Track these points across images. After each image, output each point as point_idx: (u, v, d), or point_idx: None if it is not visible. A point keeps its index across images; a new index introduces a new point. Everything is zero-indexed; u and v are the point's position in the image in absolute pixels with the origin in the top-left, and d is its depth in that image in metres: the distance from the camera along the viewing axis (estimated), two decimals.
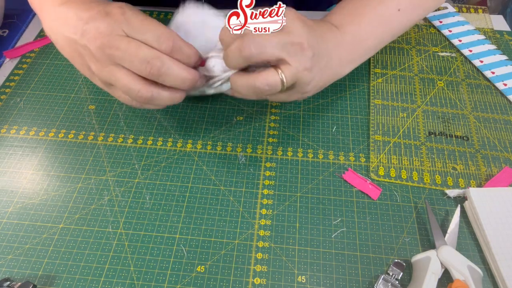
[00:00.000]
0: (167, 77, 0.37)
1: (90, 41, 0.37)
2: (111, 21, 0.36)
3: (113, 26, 0.36)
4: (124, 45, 0.36)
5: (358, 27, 0.45)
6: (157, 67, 0.36)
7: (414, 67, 0.55)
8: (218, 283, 0.37)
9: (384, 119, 0.49)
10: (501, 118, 0.49)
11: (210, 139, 0.47)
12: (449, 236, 0.39)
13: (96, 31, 0.36)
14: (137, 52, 0.36)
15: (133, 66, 0.36)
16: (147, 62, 0.36)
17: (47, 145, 0.47)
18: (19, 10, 0.63)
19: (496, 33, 0.59)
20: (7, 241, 0.40)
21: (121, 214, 0.41)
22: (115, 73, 0.37)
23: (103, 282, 0.37)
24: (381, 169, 0.44)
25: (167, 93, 0.38)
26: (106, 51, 0.36)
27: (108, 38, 0.36)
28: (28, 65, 0.55)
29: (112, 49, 0.36)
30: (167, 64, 0.36)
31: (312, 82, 0.39)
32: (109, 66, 0.37)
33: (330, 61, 0.42)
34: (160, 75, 0.36)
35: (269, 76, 0.36)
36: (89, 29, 0.37)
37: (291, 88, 0.39)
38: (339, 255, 0.39)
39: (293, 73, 0.36)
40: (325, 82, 0.43)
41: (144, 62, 0.36)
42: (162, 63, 0.36)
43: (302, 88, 0.39)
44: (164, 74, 0.36)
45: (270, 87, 0.36)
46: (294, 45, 0.36)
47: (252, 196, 0.43)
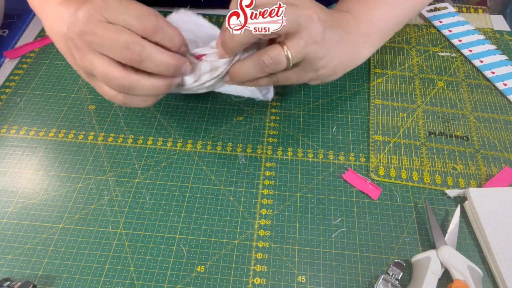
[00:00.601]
0: (149, 62, 0.35)
1: (70, 29, 0.36)
2: (90, 7, 0.35)
3: (91, 11, 0.35)
4: (102, 31, 0.34)
5: (368, 9, 0.45)
6: (137, 52, 0.34)
7: (414, 67, 0.55)
8: (218, 283, 0.37)
9: (384, 119, 0.49)
10: (501, 118, 0.49)
11: (210, 139, 0.47)
12: (449, 236, 0.39)
13: (75, 19, 0.35)
14: (116, 38, 0.34)
15: (112, 53, 0.35)
16: (126, 48, 0.34)
17: (47, 145, 0.47)
18: (19, 10, 0.63)
19: (496, 33, 0.59)
20: (7, 241, 0.40)
21: (121, 214, 0.41)
22: (94, 61, 0.36)
23: (103, 282, 0.37)
24: (381, 169, 0.44)
25: (148, 81, 0.36)
26: (85, 38, 0.35)
27: (86, 24, 0.35)
28: (28, 65, 0.55)
29: (91, 36, 0.35)
30: (148, 48, 0.34)
31: (325, 58, 0.38)
32: (88, 54, 0.36)
33: (344, 39, 0.41)
34: (142, 60, 0.35)
35: (273, 50, 0.36)
36: (71, 18, 0.36)
37: (302, 66, 0.38)
38: (339, 255, 0.39)
39: (300, 47, 0.36)
40: (341, 61, 0.42)
41: (124, 47, 0.34)
42: (143, 48, 0.34)
43: (314, 64, 0.38)
44: (146, 60, 0.35)
45: (275, 62, 0.36)
46: (302, 16, 0.35)
47: (252, 196, 0.43)
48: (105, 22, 0.35)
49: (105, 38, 0.34)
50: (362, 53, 0.45)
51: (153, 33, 0.35)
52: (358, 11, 0.45)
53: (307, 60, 0.38)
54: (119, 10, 0.35)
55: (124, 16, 0.35)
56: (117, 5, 0.35)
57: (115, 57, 0.35)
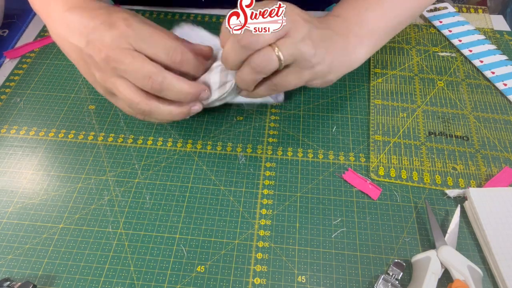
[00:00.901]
0: (169, 91, 0.38)
1: (95, 52, 0.38)
2: (117, 33, 0.37)
3: (118, 39, 0.37)
4: (129, 60, 0.37)
5: (358, 12, 0.45)
6: (158, 82, 0.37)
7: (414, 67, 0.55)
8: (218, 283, 0.37)
9: (384, 119, 0.49)
10: (501, 118, 0.49)
11: (210, 139, 0.47)
12: (449, 236, 0.39)
13: (100, 43, 0.37)
14: (141, 68, 0.37)
15: (135, 80, 0.37)
16: (149, 77, 0.37)
17: (47, 145, 0.47)
18: (19, 10, 0.63)
19: (496, 33, 0.59)
20: (7, 241, 0.40)
21: (121, 214, 0.41)
22: (117, 85, 0.38)
23: (103, 282, 0.37)
24: (381, 169, 0.44)
25: (166, 108, 0.39)
26: (110, 63, 0.37)
27: (113, 51, 0.37)
28: (28, 65, 0.55)
29: (117, 63, 0.37)
30: (168, 79, 0.37)
31: (317, 54, 0.38)
32: (112, 77, 0.38)
33: (333, 37, 0.41)
34: (162, 89, 0.38)
35: (263, 52, 0.36)
36: (94, 39, 0.37)
37: (296, 65, 0.38)
38: (339, 255, 0.39)
39: (289, 45, 0.36)
40: (335, 58, 0.42)
41: (146, 77, 0.37)
42: (164, 78, 0.37)
43: (307, 61, 0.38)
44: (166, 89, 0.38)
45: (265, 59, 0.36)
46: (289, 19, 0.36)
47: (252, 196, 0.43)
48: (131, 50, 0.37)
49: (130, 67, 0.37)
50: (356, 53, 0.45)
51: (180, 65, 0.38)
52: (348, 14, 0.45)
53: (300, 58, 0.38)
54: (147, 41, 0.37)
55: (152, 49, 0.37)
56: (145, 35, 0.37)
57: (137, 84, 0.38)
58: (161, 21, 0.60)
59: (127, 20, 0.37)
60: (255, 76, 0.38)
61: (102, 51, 0.37)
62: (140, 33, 0.37)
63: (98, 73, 0.39)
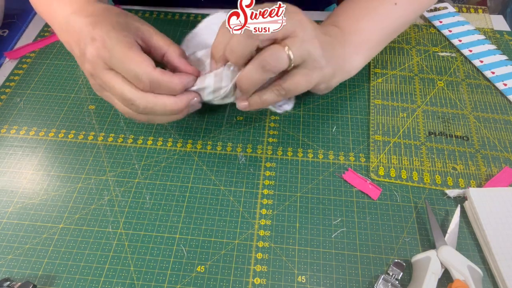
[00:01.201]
0: (155, 111, 0.38)
1: (83, 65, 0.38)
2: (94, 52, 0.36)
3: (96, 57, 0.36)
4: (108, 80, 0.37)
5: (353, 21, 0.46)
6: (142, 106, 0.37)
7: (414, 67, 0.55)
8: (218, 283, 0.37)
9: (384, 119, 0.49)
10: (501, 118, 0.49)
11: (210, 139, 0.47)
12: (449, 236, 0.39)
13: (85, 57, 0.37)
14: (121, 91, 0.37)
15: (120, 101, 0.38)
16: (131, 103, 0.37)
17: (47, 145, 0.47)
18: (19, 10, 0.63)
19: (496, 33, 0.59)
20: (7, 241, 0.40)
21: (121, 214, 0.41)
22: (109, 98, 0.40)
23: (103, 282, 0.37)
24: (381, 169, 0.44)
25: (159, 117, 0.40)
26: (96, 80, 0.38)
27: (95, 70, 0.37)
28: (28, 65, 0.55)
29: (100, 81, 0.38)
30: (150, 102, 0.37)
31: (324, 56, 0.39)
32: (104, 92, 0.39)
33: (334, 43, 0.42)
34: (147, 112, 0.38)
35: (274, 49, 0.36)
36: (82, 52, 0.38)
37: (306, 66, 0.38)
38: (339, 255, 0.39)
39: (299, 44, 0.36)
40: (337, 62, 0.42)
41: (129, 102, 0.37)
42: (146, 103, 0.37)
43: (317, 62, 0.38)
44: (151, 111, 0.38)
45: (276, 58, 0.36)
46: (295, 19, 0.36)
47: (252, 196, 0.43)
48: (110, 71, 0.37)
49: (112, 89, 0.37)
50: (352, 62, 0.45)
51: (151, 90, 0.37)
52: (344, 24, 0.46)
53: (309, 59, 0.38)
54: (118, 66, 0.36)
55: (124, 72, 0.36)
56: (117, 59, 0.36)
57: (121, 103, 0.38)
58: (161, 21, 0.60)
59: (102, 36, 0.36)
60: (263, 75, 0.37)
61: (87, 66, 0.38)
62: (113, 55, 0.36)
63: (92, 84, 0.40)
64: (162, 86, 0.37)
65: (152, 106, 0.37)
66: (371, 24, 0.46)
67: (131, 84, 0.37)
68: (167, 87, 0.37)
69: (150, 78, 0.36)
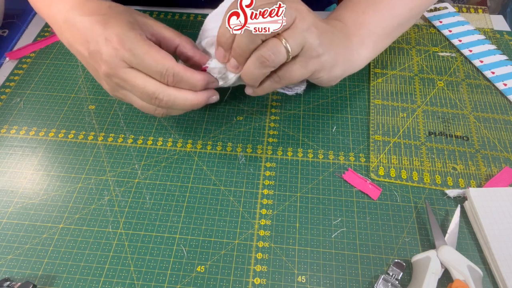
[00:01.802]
0: (176, 105, 0.38)
1: (97, 65, 0.38)
2: (111, 51, 0.36)
3: (115, 57, 0.36)
4: (131, 79, 0.37)
5: (356, 14, 0.45)
6: (164, 101, 0.38)
7: (414, 67, 0.55)
8: (218, 283, 0.37)
9: (384, 119, 0.49)
10: (501, 118, 0.49)
11: (210, 139, 0.47)
12: (449, 236, 0.39)
13: (100, 58, 0.37)
14: (143, 87, 0.37)
15: (142, 98, 0.38)
16: (153, 97, 0.37)
17: (47, 145, 0.47)
18: (19, 10, 0.63)
19: (496, 33, 0.59)
20: (7, 241, 0.40)
21: (121, 214, 0.41)
22: (129, 96, 0.40)
23: (103, 282, 0.37)
24: (381, 169, 0.44)
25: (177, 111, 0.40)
26: (113, 80, 0.38)
27: (113, 70, 0.37)
28: (28, 65, 0.55)
29: (120, 80, 0.38)
30: (172, 95, 0.38)
31: (322, 44, 0.38)
32: (120, 90, 0.39)
33: (336, 34, 0.41)
34: (168, 106, 0.38)
35: (270, 44, 0.36)
36: (94, 52, 0.38)
37: (303, 55, 0.38)
38: (339, 255, 0.39)
39: (297, 35, 0.36)
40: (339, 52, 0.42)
41: (151, 97, 0.37)
42: (168, 96, 0.38)
43: (314, 50, 0.38)
44: (172, 105, 0.38)
45: (274, 53, 0.36)
46: (292, 8, 0.36)
47: (252, 196, 0.43)
48: (129, 69, 0.37)
49: (133, 86, 0.37)
50: (359, 53, 0.45)
51: (174, 84, 0.38)
52: (346, 18, 0.45)
53: (307, 47, 0.37)
54: (140, 63, 0.37)
55: (145, 70, 0.37)
56: (138, 55, 0.36)
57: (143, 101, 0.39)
58: (161, 21, 0.60)
59: (118, 36, 0.36)
60: (263, 70, 0.37)
61: (102, 67, 0.37)
62: (135, 54, 0.36)
63: (107, 85, 0.40)
64: (184, 80, 0.38)
65: (174, 99, 0.38)
66: (375, 16, 0.46)
67: (153, 80, 0.37)
68: (189, 83, 0.38)
69: (173, 72, 0.37)
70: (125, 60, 0.36)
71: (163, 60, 0.36)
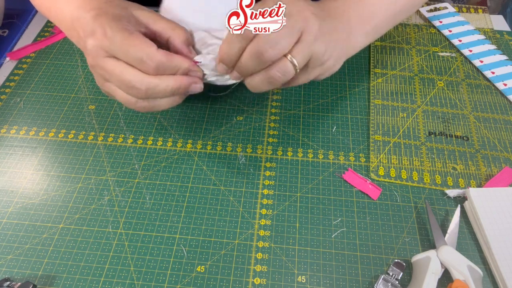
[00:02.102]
0: (157, 94, 0.37)
1: (87, 58, 0.38)
2: (96, 42, 0.36)
3: (97, 47, 0.36)
4: (109, 68, 0.37)
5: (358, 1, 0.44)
6: (143, 91, 0.36)
7: (414, 67, 0.55)
8: (218, 283, 0.37)
9: (384, 119, 0.49)
10: (501, 118, 0.49)
11: (210, 139, 0.47)
12: (449, 236, 0.39)
13: (86, 49, 0.37)
14: (122, 77, 0.36)
15: (121, 88, 0.37)
16: (132, 87, 0.36)
17: (47, 145, 0.47)
18: (19, 10, 0.63)
19: (496, 33, 0.59)
20: (7, 241, 0.40)
21: (121, 214, 0.41)
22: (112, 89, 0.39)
23: (103, 282, 0.37)
24: (381, 169, 0.44)
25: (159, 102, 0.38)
26: (97, 71, 0.38)
27: (95, 60, 0.37)
28: (28, 65, 0.55)
29: (101, 70, 0.37)
30: (152, 84, 0.36)
31: (327, 50, 0.38)
32: (105, 83, 0.39)
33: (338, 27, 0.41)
34: (148, 96, 0.37)
35: (280, 65, 0.36)
36: (83, 47, 0.38)
37: (308, 65, 0.38)
38: (339, 255, 0.39)
39: (304, 50, 0.36)
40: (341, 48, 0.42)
41: (130, 87, 0.36)
42: (148, 86, 0.36)
43: (319, 60, 0.38)
44: (152, 94, 0.37)
45: (283, 73, 0.36)
46: (298, 21, 0.35)
47: (252, 196, 0.43)
48: (111, 58, 0.37)
49: (112, 75, 0.37)
50: (357, 39, 0.44)
51: (155, 72, 0.37)
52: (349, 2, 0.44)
53: (313, 58, 0.37)
54: (121, 50, 0.36)
55: (125, 58, 0.36)
56: (120, 44, 0.36)
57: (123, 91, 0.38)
58: None
59: (103, 28, 0.36)
60: (271, 87, 0.38)
61: (88, 57, 0.38)
62: (114, 42, 0.36)
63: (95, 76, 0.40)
64: (165, 66, 0.37)
65: (154, 87, 0.36)
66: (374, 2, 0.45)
67: (133, 68, 0.36)
68: (171, 66, 0.37)
69: (153, 58, 0.36)
70: (105, 49, 0.36)
71: (142, 45, 0.36)
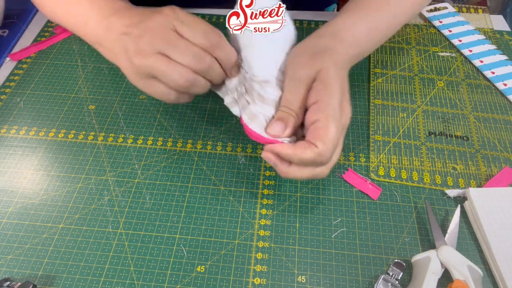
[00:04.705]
0: (212, 72, 0.38)
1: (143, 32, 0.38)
2: (162, 17, 0.38)
3: (164, 21, 0.38)
4: (177, 41, 0.37)
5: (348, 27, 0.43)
6: (207, 63, 0.38)
7: (414, 67, 0.55)
8: (218, 283, 0.37)
9: (384, 119, 0.49)
10: (501, 118, 0.49)
11: (210, 139, 0.47)
12: (449, 236, 0.39)
13: (145, 25, 0.38)
14: (189, 48, 0.37)
15: (183, 59, 0.37)
16: (198, 58, 0.37)
17: (47, 145, 0.47)
18: (19, 10, 0.63)
19: (496, 33, 0.59)
20: (7, 241, 0.40)
21: (121, 214, 0.41)
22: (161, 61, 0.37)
23: (103, 282, 0.37)
24: (381, 169, 0.44)
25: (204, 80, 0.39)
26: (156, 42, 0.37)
27: (160, 31, 0.38)
28: (28, 65, 0.55)
29: (164, 41, 0.37)
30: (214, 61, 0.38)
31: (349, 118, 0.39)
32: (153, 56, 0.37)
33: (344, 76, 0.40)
34: (208, 71, 0.38)
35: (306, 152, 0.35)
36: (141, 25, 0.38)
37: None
38: (339, 255, 0.39)
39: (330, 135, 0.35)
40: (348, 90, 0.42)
41: (196, 57, 0.37)
42: (212, 60, 0.38)
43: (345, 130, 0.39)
44: (211, 70, 0.38)
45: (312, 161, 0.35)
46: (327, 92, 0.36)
47: (252, 196, 0.43)
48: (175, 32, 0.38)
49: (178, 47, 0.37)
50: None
51: (216, 48, 0.38)
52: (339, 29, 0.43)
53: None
54: (189, 24, 0.38)
55: (193, 32, 0.38)
56: (186, 19, 0.38)
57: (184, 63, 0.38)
58: None
59: (172, 8, 0.39)
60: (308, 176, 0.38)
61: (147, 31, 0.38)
62: (182, 17, 0.38)
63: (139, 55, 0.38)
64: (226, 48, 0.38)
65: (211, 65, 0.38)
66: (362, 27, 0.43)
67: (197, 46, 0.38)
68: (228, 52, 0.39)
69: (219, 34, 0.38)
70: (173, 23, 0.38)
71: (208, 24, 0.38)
